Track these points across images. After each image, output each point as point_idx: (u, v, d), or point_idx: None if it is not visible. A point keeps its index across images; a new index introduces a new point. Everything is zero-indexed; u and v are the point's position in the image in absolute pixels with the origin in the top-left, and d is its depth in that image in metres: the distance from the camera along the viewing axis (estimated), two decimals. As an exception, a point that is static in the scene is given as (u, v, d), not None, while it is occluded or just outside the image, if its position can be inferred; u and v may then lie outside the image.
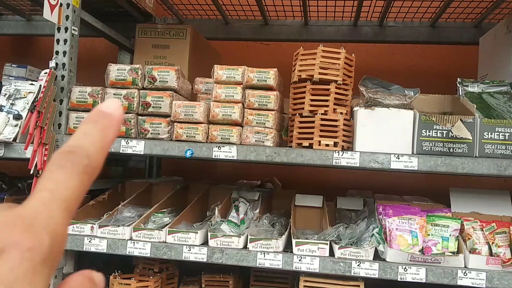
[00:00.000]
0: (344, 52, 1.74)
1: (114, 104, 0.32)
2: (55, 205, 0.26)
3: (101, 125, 0.30)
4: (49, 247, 0.24)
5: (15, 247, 0.23)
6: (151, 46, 2.29)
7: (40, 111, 1.75)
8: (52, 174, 0.27)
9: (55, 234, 0.25)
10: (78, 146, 0.29)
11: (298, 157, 1.71)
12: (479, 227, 1.71)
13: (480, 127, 1.65)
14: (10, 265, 0.23)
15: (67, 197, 0.27)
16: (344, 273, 1.66)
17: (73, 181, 0.27)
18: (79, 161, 0.28)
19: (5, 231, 0.24)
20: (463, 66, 2.74)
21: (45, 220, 0.25)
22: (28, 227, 0.24)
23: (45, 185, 0.26)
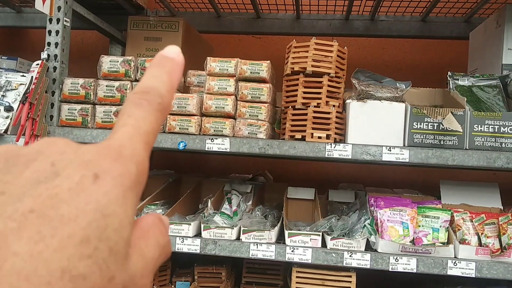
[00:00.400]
0: (337, 45, 1.75)
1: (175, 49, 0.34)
2: (138, 139, 0.28)
3: (168, 68, 0.33)
4: (136, 175, 0.27)
5: (108, 173, 0.25)
6: (143, 38, 2.28)
7: (32, 102, 1.74)
8: (132, 111, 0.29)
9: (140, 163, 0.27)
10: (151, 87, 0.31)
11: (291, 149, 1.72)
12: (469, 218, 1.74)
13: (470, 120, 1.67)
14: (104, 189, 0.25)
15: (147, 131, 0.29)
16: (336, 263, 1.68)
17: (151, 117, 0.30)
18: (154, 99, 0.30)
19: (98, 159, 0.26)
20: (453, 60, 2.77)
21: (131, 151, 0.27)
22: (117, 156, 0.26)
23: (126, 121, 0.29)
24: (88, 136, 1.80)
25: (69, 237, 0.22)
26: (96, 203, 0.24)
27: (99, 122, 1.83)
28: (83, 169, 0.25)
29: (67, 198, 0.24)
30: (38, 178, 0.24)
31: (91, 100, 1.84)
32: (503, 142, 1.66)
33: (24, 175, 0.25)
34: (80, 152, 0.26)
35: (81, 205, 0.24)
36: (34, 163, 0.25)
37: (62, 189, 0.24)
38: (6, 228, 0.22)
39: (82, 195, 0.24)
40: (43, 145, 0.27)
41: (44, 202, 0.23)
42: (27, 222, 0.22)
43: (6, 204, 0.23)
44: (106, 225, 0.24)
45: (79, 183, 0.24)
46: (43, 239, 0.22)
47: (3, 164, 0.26)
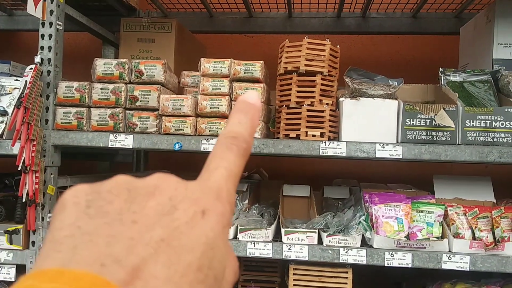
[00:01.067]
0: (329, 43, 1.77)
1: (255, 95, 0.38)
2: (231, 181, 0.32)
3: (250, 115, 0.37)
4: (230, 213, 0.31)
5: (212, 211, 0.30)
6: (136, 40, 2.28)
7: (26, 107, 1.74)
8: (224, 154, 0.34)
9: (232, 204, 0.32)
10: (238, 133, 0.35)
11: (286, 148, 1.74)
12: (462, 212, 1.77)
13: (462, 115, 1.70)
14: (211, 225, 0.29)
15: (237, 174, 0.33)
16: (333, 260, 1.70)
17: (239, 161, 0.34)
18: (241, 145, 0.35)
19: (203, 198, 0.30)
20: (444, 55, 2.79)
21: (226, 192, 0.32)
22: (217, 197, 0.31)
23: (220, 163, 0.33)
24: (84, 139, 1.81)
25: (190, 265, 0.27)
26: (206, 237, 0.28)
27: (94, 125, 1.84)
28: (195, 205, 0.29)
29: (185, 230, 0.28)
30: (162, 210, 0.28)
31: (86, 103, 1.85)
32: (495, 137, 1.68)
33: (149, 206, 0.29)
34: (189, 189, 0.30)
35: (195, 237, 0.28)
36: (154, 196, 0.29)
37: (181, 222, 0.28)
38: (146, 254, 0.26)
39: (196, 228, 0.28)
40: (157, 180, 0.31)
41: (170, 232, 0.27)
42: (160, 249, 0.27)
43: (143, 232, 0.27)
44: (213, 256, 0.28)
45: (192, 217, 0.29)
46: (173, 265, 0.26)
47: (126, 195, 0.29)
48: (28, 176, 1.75)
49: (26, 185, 1.75)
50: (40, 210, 1.81)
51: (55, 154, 1.88)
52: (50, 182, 1.85)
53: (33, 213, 1.79)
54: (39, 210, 1.81)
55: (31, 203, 1.76)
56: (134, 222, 0.28)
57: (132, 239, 0.27)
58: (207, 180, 0.32)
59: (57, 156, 1.89)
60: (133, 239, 0.27)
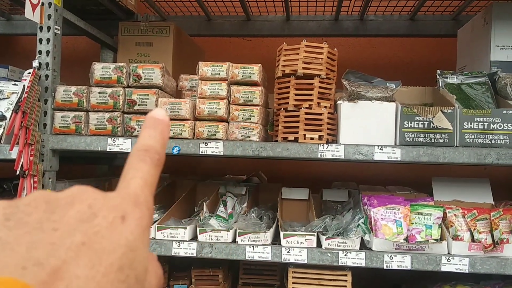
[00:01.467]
0: (327, 46, 1.77)
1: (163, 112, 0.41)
2: (146, 188, 0.35)
3: (159, 129, 0.39)
4: (148, 218, 0.33)
5: (131, 216, 0.32)
6: (134, 43, 2.29)
7: (24, 111, 1.74)
8: (139, 165, 0.36)
9: (150, 209, 0.34)
10: (150, 146, 0.38)
11: (284, 151, 1.74)
12: (461, 214, 1.77)
13: (460, 118, 1.70)
14: (130, 229, 0.31)
15: (152, 182, 0.36)
16: (332, 263, 1.70)
17: (153, 170, 0.36)
18: (154, 156, 0.37)
19: (122, 204, 0.32)
20: (442, 58, 2.80)
21: (144, 199, 0.34)
22: (135, 203, 0.33)
23: (135, 174, 0.35)
24: (82, 143, 1.81)
25: (111, 265, 0.29)
26: (126, 239, 0.30)
27: (92, 129, 1.83)
28: (114, 212, 0.31)
29: (106, 234, 0.30)
30: (81, 218, 0.30)
31: (84, 107, 1.85)
32: (492, 139, 1.69)
33: (69, 215, 0.30)
34: (108, 198, 0.32)
35: (116, 240, 0.30)
36: (74, 205, 0.31)
37: (101, 227, 0.30)
38: (67, 256, 0.28)
39: (116, 232, 0.30)
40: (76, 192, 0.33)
41: (90, 237, 0.29)
42: (81, 252, 0.28)
43: (63, 238, 0.29)
44: (134, 258, 0.30)
45: (112, 223, 0.31)
46: (94, 266, 0.28)
47: (45, 206, 0.31)
48: (27, 181, 1.75)
49: (25, 190, 1.75)
50: (38, 214, 1.80)
51: (53, 159, 1.87)
52: (48, 186, 1.84)
53: (32, 217, 1.78)
54: (37, 215, 1.80)
55: (29, 207, 1.76)
56: (54, 229, 0.29)
57: (53, 244, 0.28)
58: (125, 189, 0.34)
59: (55, 161, 1.88)
60: (54, 244, 0.28)
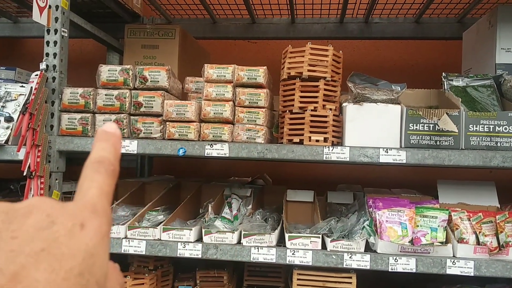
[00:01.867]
0: (332, 49, 1.78)
1: (113, 125, 0.42)
2: (103, 197, 0.36)
3: (111, 141, 0.40)
4: (107, 225, 0.34)
5: (90, 223, 0.33)
6: (140, 46, 2.30)
7: (32, 113, 1.75)
8: (94, 176, 0.37)
9: (108, 216, 0.35)
10: (103, 157, 0.38)
11: (289, 153, 1.74)
12: (466, 217, 1.76)
13: (466, 120, 1.70)
14: (90, 235, 0.32)
15: (108, 191, 0.37)
16: (337, 265, 1.70)
17: (109, 180, 0.37)
18: (108, 167, 0.38)
19: (80, 213, 0.33)
20: (447, 60, 2.80)
21: (101, 207, 0.35)
22: (93, 211, 0.34)
23: (91, 184, 0.36)
24: (89, 145, 1.82)
25: (71, 270, 0.29)
26: (85, 245, 0.31)
27: (99, 131, 1.84)
28: (72, 219, 0.32)
29: (65, 240, 0.30)
30: (40, 226, 0.31)
31: (91, 109, 1.86)
32: (498, 141, 1.68)
33: (27, 223, 0.31)
34: (66, 207, 0.33)
35: (75, 246, 0.30)
36: (32, 214, 0.31)
37: (60, 234, 0.31)
38: (27, 262, 0.29)
39: (75, 239, 0.31)
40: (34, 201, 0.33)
41: (49, 243, 0.30)
42: (40, 258, 0.29)
43: (23, 245, 0.29)
44: (93, 263, 0.31)
45: (71, 230, 0.31)
46: (54, 270, 0.29)
47: (4, 217, 0.31)
48: (33, 182, 1.76)
49: (31, 191, 1.76)
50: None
51: (60, 160, 1.89)
52: (55, 187, 1.86)
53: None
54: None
55: (36, 208, 1.77)
56: (13, 238, 0.30)
57: (13, 251, 0.29)
58: (82, 199, 0.35)
59: (62, 162, 1.90)
60: (13, 251, 0.29)
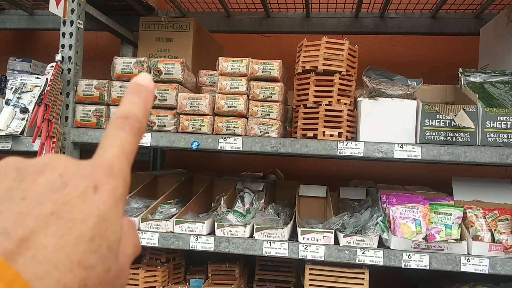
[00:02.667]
0: (348, 43, 1.76)
1: (148, 77, 0.39)
2: (123, 158, 0.34)
3: (143, 95, 0.37)
4: (123, 188, 0.32)
5: (104, 186, 0.31)
6: (154, 39, 2.30)
7: (47, 104, 1.76)
8: (117, 133, 0.34)
9: (126, 178, 0.33)
10: (131, 113, 0.36)
11: (303, 147, 1.73)
12: (482, 214, 1.74)
13: (482, 116, 1.68)
14: (103, 199, 0.30)
15: (130, 151, 0.34)
16: (349, 260, 1.69)
17: (132, 139, 0.35)
18: (134, 124, 0.35)
19: (96, 174, 0.31)
20: (463, 56, 2.76)
21: (119, 168, 0.33)
22: (110, 173, 0.32)
23: (112, 142, 0.34)
24: (103, 137, 1.83)
25: (81, 235, 0.28)
26: (97, 209, 0.29)
27: (113, 123, 1.85)
28: (86, 181, 0.30)
29: (77, 204, 0.29)
30: (52, 187, 0.29)
31: (105, 101, 1.87)
32: (515, 138, 1.66)
33: (38, 183, 0.29)
34: (81, 167, 0.31)
35: (87, 210, 0.29)
36: (44, 173, 0.30)
37: (72, 197, 0.29)
38: (35, 226, 0.27)
39: (87, 202, 0.29)
40: (48, 159, 0.32)
41: (60, 206, 0.28)
42: (50, 222, 0.28)
43: (32, 207, 0.28)
44: (105, 228, 0.29)
45: (84, 192, 0.30)
46: (63, 236, 0.28)
47: (15, 174, 0.30)
48: (48, 173, 1.77)
49: (46, 181, 1.77)
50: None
51: (75, 151, 1.90)
52: (69, 178, 1.87)
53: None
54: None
55: (50, 199, 1.78)
56: (23, 198, 0.28)
57: (21, 213, 0.28)
58: (100, 158, 0.33)
59: (76, 153, 1.91)
60: (22, 213, 0.28)
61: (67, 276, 0.27)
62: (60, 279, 0.26)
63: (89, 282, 0.28)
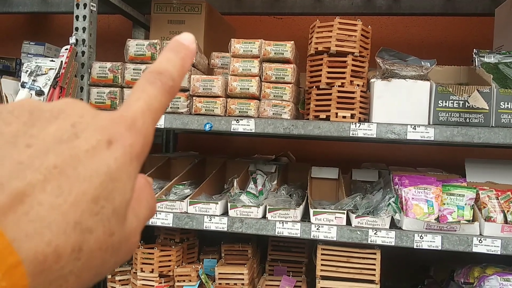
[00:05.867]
0: (361, 24, 1.75)
1: (191, 37, 0.36)
2: (148, 114, 0.31)
3: (182, 54, 0.35)
4: (142, 146, 0.30)
5: (120, 141, 0.28)
6: (166, 21, 2.30)
7: (62, 86, 1.79)
8: (146, 87, 0.32)
9: (147, 136, 0.31)
10: (165, 69, 0.33)
11: (316, 129, 1.74)
12: (495, 196, 1.74)
13: (497, 97, 1.66)
14: (115, 155, 0.28)
15: (157, 109, 0.32)
16: (361, 241, 1.71)
17: (162, 97, 0.32)
18: (166, 81, 0.33)
19: (112, 127, 0.29)
20: (477, 37, 2.73)
21: (141, 124, 0.30)
22: (129, 127, 0.29)
23: (140, 96, 0.31)
24: (117, 119, 1.85)
25: (83, 195, 0.26)
26: (107, 167, 0.27)
27: (127, 105, 1.87)
28: (99, 134, 0.28)
29: (84, 159, 0.26)
30: (61, 137, 0.27)
31: (119, 84, 1.88)
32: (529, 120, 1.65)
33: (47, 131, 0.27)
34: (98, 117, 0.29)
35: (95, 166, 0.26)
36: (57, 121, 0.28)
37: (80, 150, 0.27)
38: (33, 179, 0.25)
39: (97, 158, 0.27)
40: (64, 104, 0.29)
41: (65, 160, 0.26)
42: (50, 176, 0.25)
43: (34, 157, 0.26)
44: (113, 188, 0.27)
45: (95, 146, 0.27)
46: (63, 193, 0.25)
47: (27, 117, 0.28)
48: (64, 154, 1.80)
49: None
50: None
51: (89, 133, 1.92)
52: (84, 160, 1.89)
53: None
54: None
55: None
56: (28, 146, 0.26)
57: (21, 163, 0.25)
58: (123, 110, 0.30)
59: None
60: (22, 163, 0.25)
61: (59, 238, 0.24)
62: (51, 241, 0.24)
63: (85, 246, 0.25)
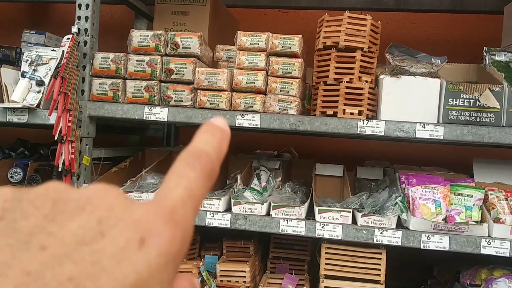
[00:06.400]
0: (371, 19, 1.71)
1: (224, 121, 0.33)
2: (189, 203, 0.27)
3: (219, 137, 0.32)
4: (181, 243, 0.25)
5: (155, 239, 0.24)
6: (170, 12, 2.25)
7: (63, 76, 1.74)
8: (186, 172, 0.28)
9: (188, 230, 0.26)
10: (205, 152, 0.30)
11: (322, 125, 1.70)
12: (504, 197, 1.71)
13: (509, 96, 1.63)
14: (147, 258, 0.23)
15: (198, 197, 0.28)
16: (367, 240, 1.67)
17: (203, 182, 0.28)
18: (207, 165, 0.29)
19: (147, 220, 0.25)
20: (485, 35, 2.69)
21: (182, 216, 0.26)
22: (168, 220, 0.25)
23: (180, 181, 0.27)
24: (119, 111, 1.81)
25: None
26: (136, 275, 0.22)
27: (129, 97, 1.83)
28: (131, 231, 0.24)
29: (109, 266, 0.22)
30: (83, 236, 0.23)
31: (122, 75, 1.84)
32: (541, 120, 1.61)
33: (69, 228, 0.23)
34: (130, 210, 0.25)
35: (120, 276, 0.22)
36: (82, 214, 0.24)
37: (105, 255, 0.22)
38: None
39: (124, 263, 0.23)
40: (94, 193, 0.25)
41: (84, 269, 0.22)
42: None
43: (46, 266, 0.22)
44: None
45: (123, 248, 0.23)
46: None
47: (49, 208, 0.24)
48: (65, 146, 1.76)
49: (62, 155, 1.77)
50: (75, 180, 1.83)
51: (91, 125, 1.88)
52: (85, 152, 1.86)
53: (69, 182, 1.80)
54: (74, 180, 1.82)
55: (66, 172, 1.78)
56: (42, 248, 0.22)
57: (29, 274, 0.21)
58: (161, 198, 0.26)
59: (92, 127, 1.89)
60: (30, 274, 0.21)
61: None
62: None
63: None
